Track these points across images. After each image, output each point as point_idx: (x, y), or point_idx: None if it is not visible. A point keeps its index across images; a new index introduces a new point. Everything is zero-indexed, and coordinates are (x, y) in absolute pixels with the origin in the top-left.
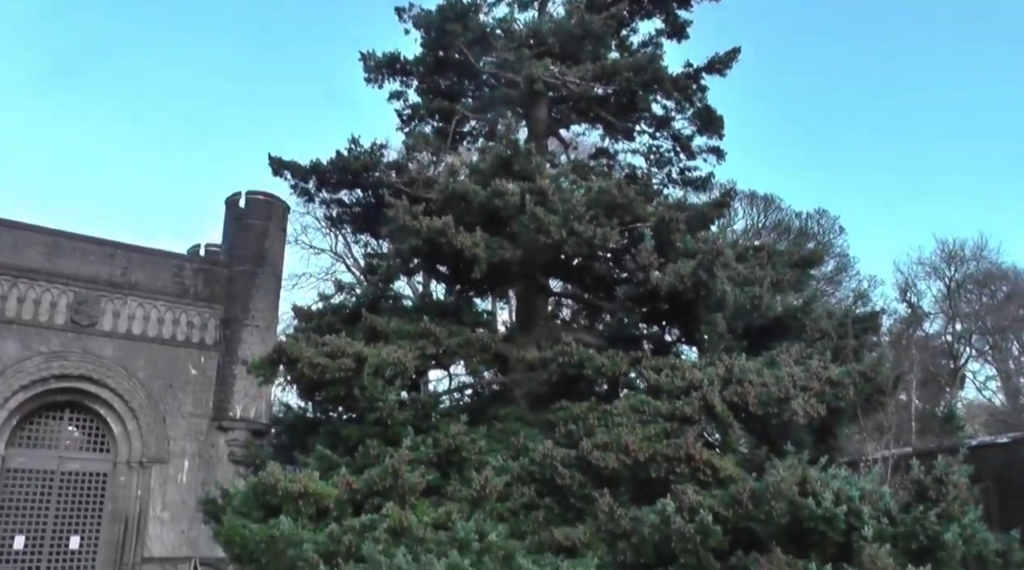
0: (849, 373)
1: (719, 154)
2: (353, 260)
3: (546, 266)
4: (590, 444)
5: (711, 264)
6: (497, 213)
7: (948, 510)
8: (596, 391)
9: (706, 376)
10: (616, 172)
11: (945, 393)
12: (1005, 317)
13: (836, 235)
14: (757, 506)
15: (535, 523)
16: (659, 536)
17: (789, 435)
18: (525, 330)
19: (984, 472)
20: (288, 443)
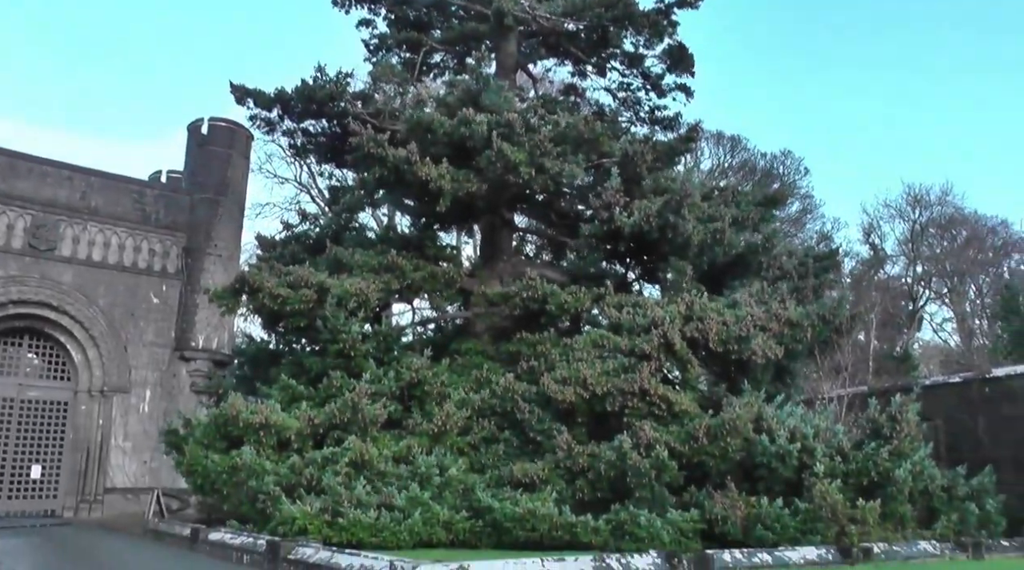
0: (808, 315)
1: (688, 92)
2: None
3: (511, 201)
4: (550, 379)
5: (678, 205)
6: (463, 145)
7: (900, 447)
8: (558, 327)
9: (667, 314)
10: (584, 108)
11: (903, 334)
12: (964, 261)
13: (801, 176)
14: (712, 442)
15: (495, 457)
16: (615, 471)
17: (747, 373)
18: (489, 265)
19: (935, 411)
20: (250, 374)
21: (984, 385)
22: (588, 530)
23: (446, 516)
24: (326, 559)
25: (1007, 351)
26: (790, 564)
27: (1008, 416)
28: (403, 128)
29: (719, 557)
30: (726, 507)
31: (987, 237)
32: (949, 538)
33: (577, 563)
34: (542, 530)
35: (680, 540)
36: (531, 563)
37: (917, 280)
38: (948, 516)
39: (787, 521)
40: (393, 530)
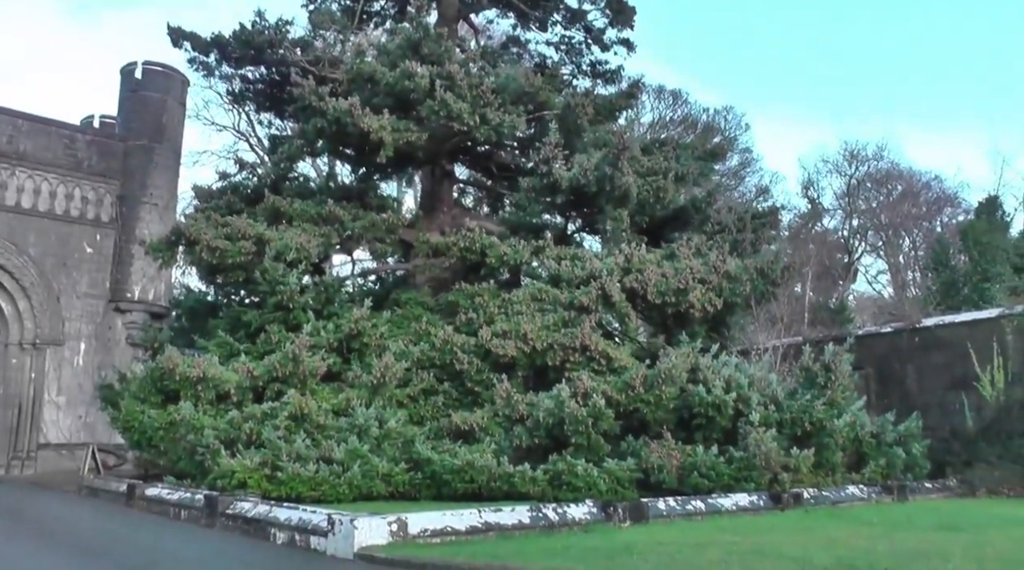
0: (746, 268)
1: (629, 46)
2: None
3: (452, 152)
4: (490, 333)
5: (617, 158)
6: (406, 96)
7: (833, 397)
8: (498, 279)
9: (606, 266)
10: (526, 61)
11: (838, 286)
12: (898, 215)
13: (742, 131)
14: (649, 391)
15: (434, 408)
16: (553, 420)
17: (685, 325)
18: (429, 216)
19: (867, 359)
20: (188, 327)
21: (914, 335)
22: (526, 480)
23: (385, 469)
24: (264, 513)
25: (937, 302)
26: (723, 510)
27: (936, 364)
28: (344, 77)
29: (654, 505)
30: (662, 456)
31: (921, 192)
32: (877, 482)
33: (514, 513)
34: (481, 481)
35: (617, 489)
36: (469, 514)
37: (853, 233)
38: (876, 461)
39: (722, 469)
40: (333, 484)
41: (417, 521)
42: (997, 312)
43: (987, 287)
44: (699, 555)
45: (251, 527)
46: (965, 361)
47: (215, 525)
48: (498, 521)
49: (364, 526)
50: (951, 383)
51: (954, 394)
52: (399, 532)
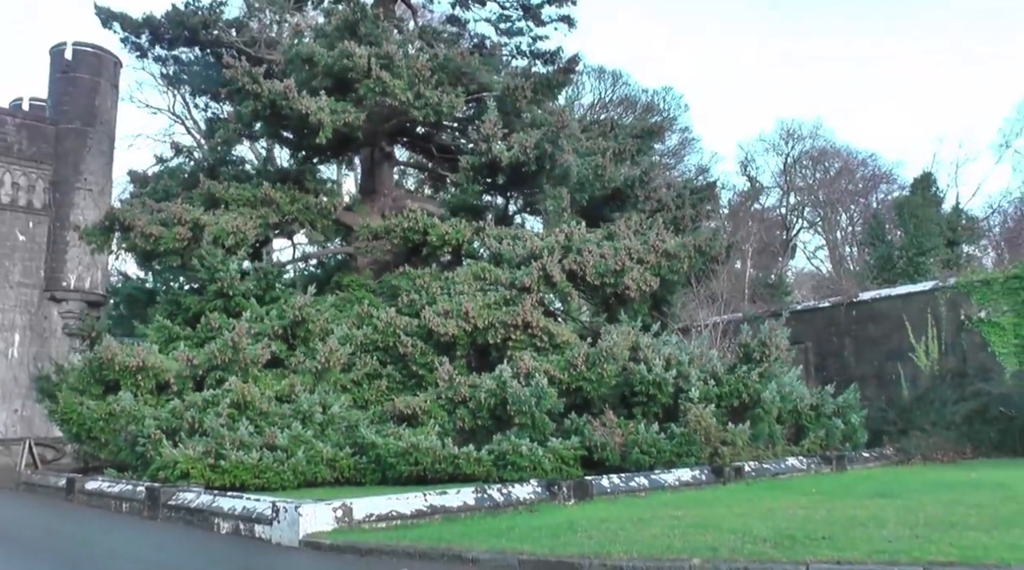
0: (685, 246)
1: (569, 22)
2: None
3: (392, 133)
4: (432, 312)
5: (556, 136)
6: (344, 77)
7: (769, 370)
8: (440, 260)
9: (546, 246)
10: (465, 41)
11: (778, 262)
12: (835, 191)
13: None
14: (591, 369)
15: (378, 392)
16: (496, 400)
17: (626, 304)
18: (370, 198)
19: (806, 333)
20: (126, 315)
21: (851, 308)
22: (471, 461)
23: (330, 454)
24: (208, 503)
25: (873, 276)
26: (666, 486)
27: (872, 336)
28: (281, 59)
29: (598, 483)
30: (605, 434)
31: (857, 169)
32: (816, 453)
33: (459, 495)
34: (425, 464)
35: (561, 467)
36: (414, 498)
37: (791, 210)
38: (816, 432)
39: (663, 445)
40: (277, 471)
41: (362, 506)
42: (931, 285)
43: (922, 261)
44: (641, 530)
45: (194, 518)
46: (901, 333)
47: (157, 517)
48: (443, 504)
49: (309, 513)
50: (888, 355)
51: (891, 365)
52: (344, 518)
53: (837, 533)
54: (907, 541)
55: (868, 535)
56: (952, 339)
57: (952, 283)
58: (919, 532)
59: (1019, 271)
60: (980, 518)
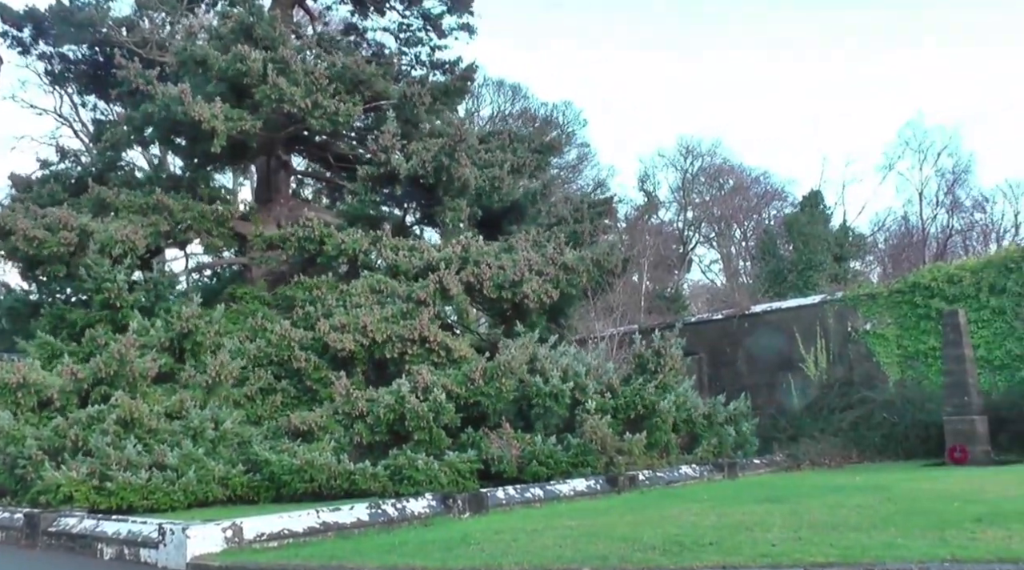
0: (582, 259)
1: (469, 31)
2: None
3: (288, 141)
4: (328, 325)
5: (454, 149)
6: (239, 82)
7: (664, 380)
8: (337, 271)
9: (443, 258)
10: (364, 50)
11: (674, 275)
12: (730, 207)
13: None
14: (489, 383)
15: (272, 407)
16: (394, 415)
17: (523, 316)
18: (266, 207)
19: (700, 344)
20: (8, 328)
21: (744, 320)
22: (367, 477)
23: (222, 472)
24: (91, 528)
25: (765, 289)
26: (561, 496)
27: (764, 347)
28: (173, 60)
29: (493, 495)
30: (502, 446)
31: (751, 186)
32: (709, 461)
33: (353, 511)
34: (321, 480)
35: (458, 480)
36: (306, 515)
37: (688, 225)
38: (708, 441)
39: (560, 456)
40: (166, 491)
41: (253, 525)
42: (820, 298)
43: (811, 275)
44: (534, 541)
45: (76, 544)
46: (791, 344)
47: (36, 545)
48: (337, 520)
49: (197, 534)
50: (779, 365)
51: (781, 375)
52: (234, 538)
53: (724, 538)
54: (790, 544)
55: (754, 539)
56: (839, 350)
57: (839, 297)
58: (802, 534)
59: (902, 286)
60: (861, 519)
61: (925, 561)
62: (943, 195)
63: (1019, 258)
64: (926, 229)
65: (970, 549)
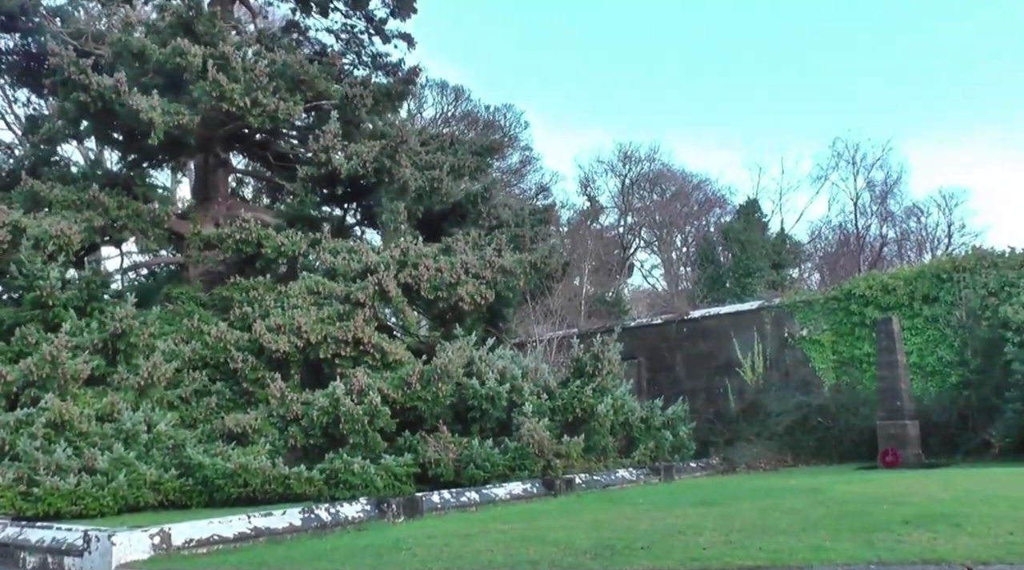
0: (521, 262)
1: (409, 41)
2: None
3: (228, 138)
4: (264, 326)
5: (395, 150)
6: (178, 76)
7: (602, 384)
8: (275, 272)
9: (382, 260)
10: (306, 48)
11: (615, 279)
12: (671, 213)
13: (522, 129)
14: (425, 387)
15: (207, 410)
16: (329, 419)
17: (462, 319)
18: (204, 206)
19: (639, 349)
20: None
21: (683, 325)
22: (302, 481)
23: (154, 476)
24: (14, 536)
25: (704, 294)
26: (497, 500)
27: (702, 352)
28: (109, 52)
29: (428, 499)
30: (439, 450)
31: (692, 192)
32: (645, 464)
33: (285, 516)
34: (255, 485)
35: (394, 484)
36: (237, 520)
37: (628, 230)
38: (646, 444)
39: (497, 459)
40: (95, 496)
41: (182, 531)
42: (757, 304)
43: (749, 281)
44: (467, 546)
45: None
46: (729, 349)
47: None
48: (268, 525)
49: (123, 541)
50: (716, 369)
51: (719, 379)
52: (162, 544)
53: (656, 542)
54: (721, 547)
55: (685, 543)
56: (776, 355)
57: (777, 303)
58: (733, 538)
59: (838, 293)
60: (792, 522)
61: (851, 564)
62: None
63: (951, 268)
64: (861, 238)
65: (896, 551)
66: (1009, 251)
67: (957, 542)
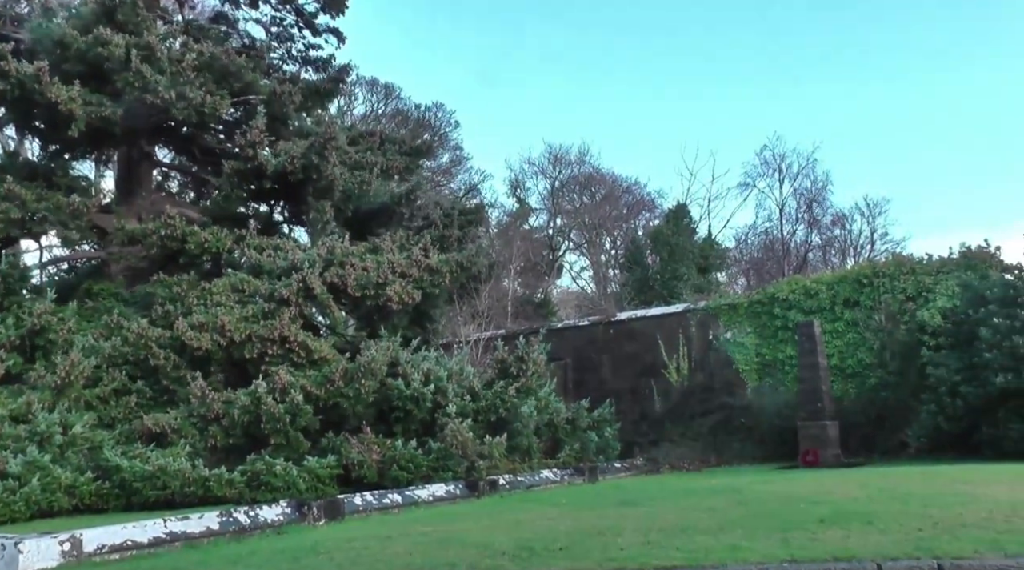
0: (448, 262)
1: (339, 36)
2: None
3: (152, 131)
4: (186, 324)
5: (323, 147)
6: (100, 66)
7: (526, 385)
8: (200, 269)
9: (308, 258)
10: (235, 41)
11: (544, 281)
12: (600, 216)
13: (452, 129)
14: (348, 385)
15: (126, 410)
16: (250, 418)
17: (388, 318)
18: (127, 200)
19: (566, 350)
20: None
21: (610, 327)
22: (223, 483)
23: (69, 479)
24: None
25: (631, 297)
26: (420, 502)
27: (629, 354)
28: (28, 38)
29: (350, 501)
30: (363, 451)
31: (622, 196)
32: (570, 465)
33: (203, 520)
34: (174, 487)
35: (317, 486)
36: (152, 525)
37: (558, 232)
38: (571, 445)
39: (420, 461)
40: (6, 501)
41: (94, 537)
42: (683, 307)
43: (676, 284)
44: (386, 549)
45: None
46: (655, 351)
47: None
48: (185, 530)
49: (31, 548)
50: (642, 371)
51: (645, 381)
52: (72, 551)
53: (576, 543)
54: (639, 548)
55: (604, 544)
56: (701, 357)
57: (702, 306)
58: (652, 538)
59: (762, 297)
60: (710, 522)
61: (765, 562)
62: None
63: (871, 274)
64: (787, 244)
65: (809, 549)
66: (927, 258)
67: (869, 539)
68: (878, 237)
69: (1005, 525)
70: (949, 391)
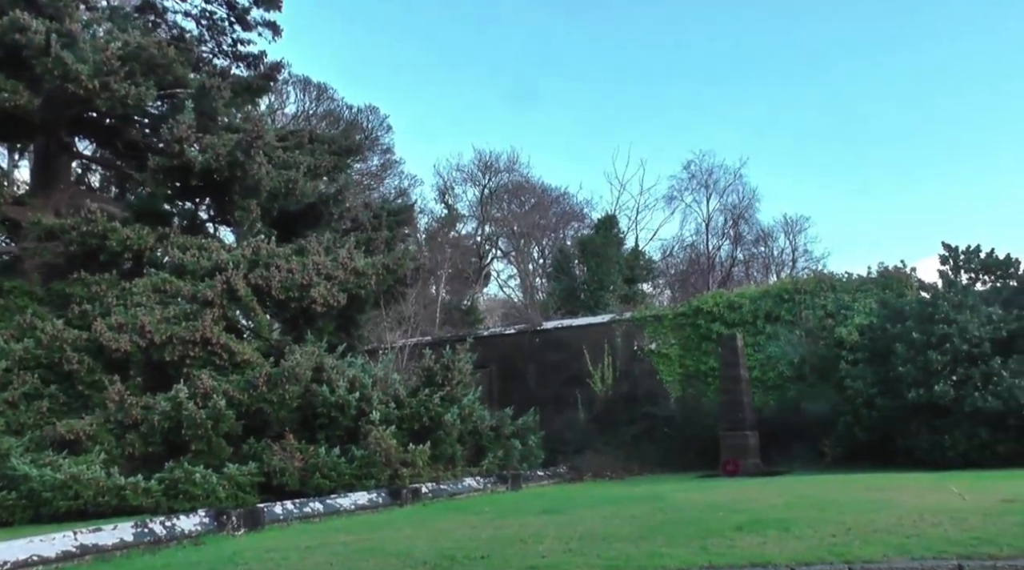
0: (375, 265)
1: (275, 29)
2: None
3: (73, 122)
4: (105, 324)
5: (250, 145)
6: (17, 52)
7: (451, 393)
8: (121, 268)
9: (232, 259)
10: (162, 31)
11: (471, 288)
12: (529, 224)
13: (384, 132)
14: (272, 390)
15: (37, 415)
16: (170, 424)
17: (313, 322)
18: (44, 193)
19: (492, 358)
20: None
21: (536, 336)
22: (139, 492)
23: None
24: None
25: (558, 306)
26: (342, 510)
27: (554, 362)
28: None
29: (270, 510)
30: (285, 458)
31: (551, 205)
32: (494, 473)
33: (116, 531)
34: (87, 497)
35: (237, 495)
36: (61, 538)
37: (486, 239)
38: (495, 453)
39: (344, 468)
40: None
41: None
42: (609, 317)
43: (602, 295)
44: (305, 559)
45: None
46: (580, 360)
47: None
48: (97, 542)
49: None
50: (568, 380)
51: (570, 390)
52: None
53: (496, 551)
54: (559, 555)
55: (525, 552)
56: (625, 367)
57: (628, 316)
58: (573, 546)
59: (686, 309)
60: (632, 529)
61: (684, 568)
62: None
63: (793, 290)
64: (712, 258)
65: (727, 555)
66: (846, 276)
67: (785, 546)
68: (800, 254)
69: (913, 529)
70: (865, 403)
